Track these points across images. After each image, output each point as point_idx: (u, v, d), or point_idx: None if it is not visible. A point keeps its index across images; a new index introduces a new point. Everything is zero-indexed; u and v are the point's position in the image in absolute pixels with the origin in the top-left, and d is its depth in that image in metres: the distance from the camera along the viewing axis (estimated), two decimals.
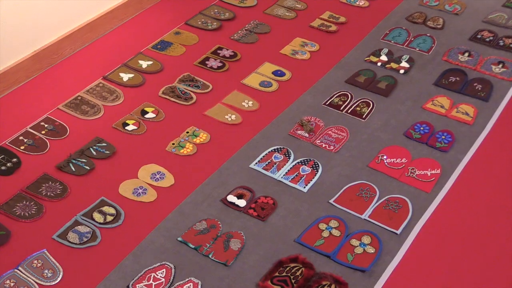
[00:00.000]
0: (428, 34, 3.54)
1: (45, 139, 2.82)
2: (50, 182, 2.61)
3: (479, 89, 3.12)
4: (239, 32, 3.56)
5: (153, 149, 2.80)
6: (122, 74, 3.22)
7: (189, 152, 2.78)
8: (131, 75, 3.22)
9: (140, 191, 2.59)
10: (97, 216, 2.46)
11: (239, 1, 3.84)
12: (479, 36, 3.52)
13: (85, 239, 2.38)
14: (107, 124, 2.92)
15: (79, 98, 3.06)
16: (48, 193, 2.56)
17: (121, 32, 3.59)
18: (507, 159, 2.75)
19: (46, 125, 2.89)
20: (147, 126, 2.92)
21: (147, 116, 2.97)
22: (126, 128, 2.90)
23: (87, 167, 2.68)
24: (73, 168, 2.67)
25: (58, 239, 2.38)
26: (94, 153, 2.75)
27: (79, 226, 2.42)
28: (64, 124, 2.90)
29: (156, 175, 2.66)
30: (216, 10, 3.75)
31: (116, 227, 2.44)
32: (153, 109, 3.01)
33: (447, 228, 2.45)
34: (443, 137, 2.84)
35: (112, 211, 2.49)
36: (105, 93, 3.10)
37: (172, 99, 3.07)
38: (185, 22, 3.64)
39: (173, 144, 2.82)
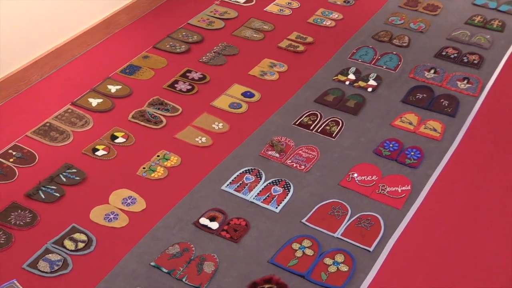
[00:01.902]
0: (394, 52, 3.59)
1: (14, 167, 2.79)
2: (19, 211, 2.57)
3: (446, 105, 3.17)
4: (207, 54, 3.58)
5: (123, 173, 2.78)
6: (91, 99, 3.21)
7: (160, 176, 2.77)
8: (100, 100, 3.21)
9: (112, 216, 2.57)
10: (68, 244, 2.43)
11: (206, 24, 3.86)
12: (444, 53, 3.58)
13: (56, 268, 2.34)
14: (77, 150, 2.90)
15: (48, 124, 3.04)
16: (17, 222, 2.52)
17: (89, 57, 3.58)
18: (475, 173, 2.79)
19: (14, 153, 2.86)
20: (117, 151, 2.90)
21: (117, 140, 2.96)
22: (96, 153, 2.88)
23: (57, 194, 2.65)
24: (42, 196, 2.64)
25: (28, 269, 2.34)
26: (64, 179, 2.72)
27: (49, 254, 2.39)
28: (33, 151, 2.87)
29: (127, 200, 2.65)
30: (184, 33, 3.76)
31: (87, 254, 2.41)
32: (123, 133, 3.00)
33: (419, 243, 2.46)
34: (412, 153, 2.87)
35: (84, 237, 2.46)
36: (74, 119, 3.08)
37: (142, 123, 3.07)
38: (153, 46, 3.65)
39: (144, 168, 2.81)
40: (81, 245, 2.43)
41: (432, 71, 3.42)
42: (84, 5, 3.55)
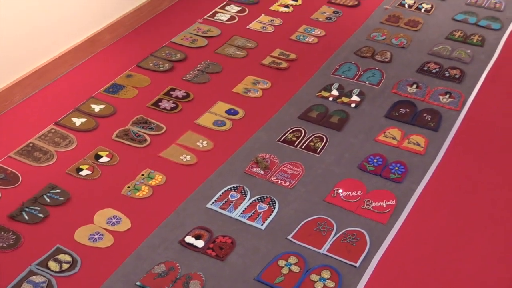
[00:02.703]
0: (377, 68, 3.61)
1: None
2: (2, 233, 2.55)
3: (429, 119, 3.19)
4: (191, 72, 3.58)
5: (108, 193, 2.77)
6: (74, 119, 3.20)
7: (145, 195, 2.76)
8: (83, 120, 3.20)
9: (96, 236, 2.55)
10: (52, 265, 2.41)
11: (190, 42, 3.87)
12: (425, 68, 3.61)
13: None
14: (61, 170, 2.89)
15: (31, 145, 3.02)
16: (0, 244, 2.50)
17: (72, 77, 3.57)
18: (459, 187, 2.81)
19: None
20: (102, 170, 2.89)
21: (101, 160, 2.95)
22: (80, 173, 2.87)
23: (41, 215, 2.63)
24: (26, 217, 2.62)
25: None
26: (48, 200, 2.71)
27: (33, 276, 2.36)
28: (16, 172, 2.85)
29: (112, 219, 2.63)
30: (167, 52, 3.77)
31: (72, 275, 2.39)
32: (107, 153, 2.99)
33: (405, 258, 2.47)
34: (396, 168, 2.88)
35: (68, 258, 2.45)
36: (58, 139, 3.06)
37: (126, 142, 3.06)
38: (136, 65, 3.65)
39: (129, 187, 2.80)
40: (65, 266, 2.41)
41: (415, 86, 3.45)
42: (67, 24, 3.55)
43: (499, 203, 2.72)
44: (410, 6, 4.29)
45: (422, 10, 4.25)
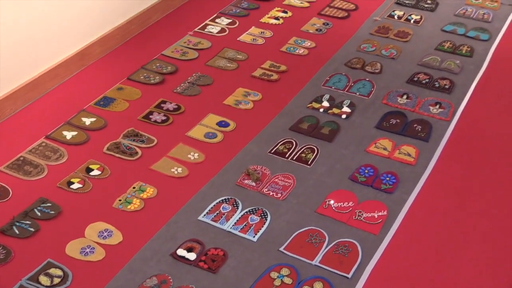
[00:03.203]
0: (367, 79, 3.63)
1: None
2: None
3: (419, 130, 3.21)
4: (181, 85, 3.59)
5: (99, 206, 2.76)
6: (65, 132, 3.19)
7: (136, 208, 2.76)
8: (74, 133, 3.19)
9: (88, 250, 2.54)
10: (43, 279, 2.40)
11: (180, 55, 3.88)
12: (415, 79, 3.63)
13: None
14: (52, 183, 2.88)
15: (22, 158, 3.01)
16: None
17: (63, 90, 3.57)
18: (450, 197, 2.82)
19: None
20: (93, 184, 2.89)
21: (92, 173, 2.94)
22: (71, 186, 2.86)
23: (31, 229, 2.62)
24: (16, 231, 2.61)
25: None
26: (39, 214, 2.69)
27: None
28: (6, 186, 2.84)
29: (103, 232, 2.62)
30: (158, 64, 3.77)
31: None
32: (98, 166, 2.98)
33: (397, 268, 2.47)
34: (388, 178, 2.89)
35: (59, 272, 2.43)
36: (48, 152, 3.06)
37: (117, 155, 3.05)
38: (127, 77, 3.65)
39: (120, 200, 2.79)
40: (56, 280, 2.40)
41: (405, 96, 3.47)
42: (57, 37, 3.55)
43: (490, 213, 2.73)
44: (399, 17, 4.32)
45: (412, 21, 4.28)
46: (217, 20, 4.29)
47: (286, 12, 4.39)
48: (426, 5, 4.46)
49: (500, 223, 2.68)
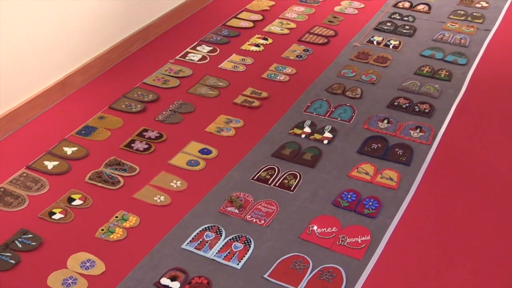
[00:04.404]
0: (348, 104, 3.66)
1: None
2: None
3: (400, 154, 3.23)
4: (163, 113, 3.59)
5: (82, 236, 2.74)
6: (46, 162, 3.17)
7: (119, 237, 2.74)
8: (56, 163, 3.18)
9: (70, 281, 2.51)
10: None
11: (162, 83, 3.88)
12: (396, 103, 3.66)
13: None
14: (33, 214, 2.85)
15: (2, 189, 2.98)
16: None
17: (44, 120, 3.55)
18: (433, 220, 2.83)
19: None
20: (75, 214, 2.86)
21: (74, 203, 2.92)
22: (53, 217, 2.83)
23: (12, 261, 2.59)
24: None
25: None
26: (20, 245, 2.66)
27: None
28: None
29: (86, 263, 2.60)
30: (139, 93, 3.78)
31: None
32: (80, 195, 2.96)
33: None
34: (370, 203, 2.90)
35: None
36: (30, 183, 3.03)
37: (99, 184, 3.04)
38: (109, 106, 3.65)
39: (102, 230, 2.77)
40: None
41: (386, 121, 3.49)
42: (38, 67, 3.55)
43: (472, 235, 2.75)
44: (378, 43, 4.37)
45: (391, 46, 4.33)
46: (198, 48, 4.31)
47: (266, 39, 4.43)
48: (405, 31, 4.52)
49: (483, 245, 2.70)
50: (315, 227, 2.76)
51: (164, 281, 2.50)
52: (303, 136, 3.38)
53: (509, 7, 4.92)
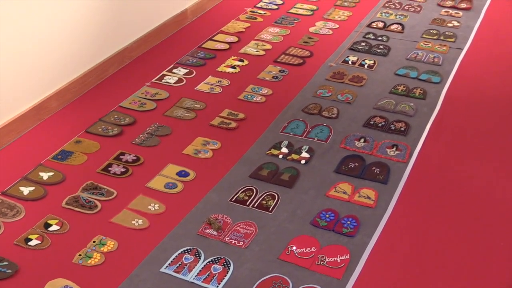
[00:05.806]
0: (325, 124, 3.68)
1: None
2: None
3: (377, 172, 3.25)
4: (140, 136, 3.58)
5: (59, 262, 2.71)
6: (22, 188, 3.14)
7: (97, 262, 2.71)
8: (31, 188, 3.14)
9: None
10: None
11: (138, 106, 3.88)
12: (372, 122, 3.69)
13: None
14: (8, 241, 2.81)
15: None
16: None
17: (19, 145, 3.52)
18: (411, 237, 2.85)
19: None
20: (52, 239, 2.83)
21: (50, 229, 2.89)
22: (29, 243, 2.80)
23: None
24: None
25: None
26: None
27: None
28: None
29: None
30: (116, 116, 3.77)
31: None
32: (57, 221, 2.93)
33: None
34: (349, 222, 2.91)
35: None
36: (5, 209, 3.00)
37: (76, 209, 3.01)
38: (85, 130, 3.63)
39: (80, 255, 2.74)
40: None
41: (362, 140, 3.52)
42: (13, 92, 3.53)
43: (450, 253, 2.76)
44: (353, 63, 4.41)
45: (366, 66, 4.37)
46: (174, 71, 4.32)
47: (242, 61, 4.45)
48: (379, 50, 4.57)
49: (461, 262, 2.71)
50: (294, 247, 2.76)
51: None
52: (280, 156, 3.39)
53: (480, 26, 5.01)
